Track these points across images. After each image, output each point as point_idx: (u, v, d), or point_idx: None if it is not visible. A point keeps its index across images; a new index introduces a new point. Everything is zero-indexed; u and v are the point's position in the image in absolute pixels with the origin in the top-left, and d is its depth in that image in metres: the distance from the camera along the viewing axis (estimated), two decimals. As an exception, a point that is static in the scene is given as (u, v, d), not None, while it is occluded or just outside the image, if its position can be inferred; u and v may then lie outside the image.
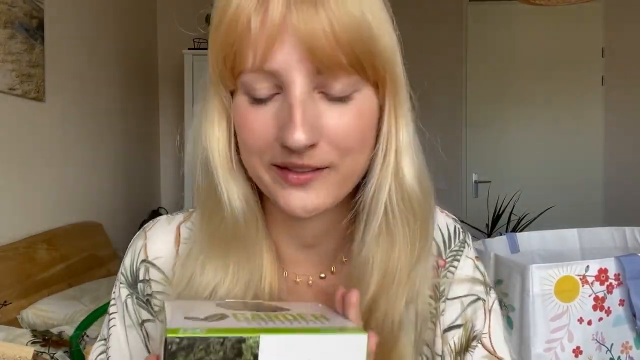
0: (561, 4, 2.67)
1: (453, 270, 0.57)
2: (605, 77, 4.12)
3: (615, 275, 0.96)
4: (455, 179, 4.27)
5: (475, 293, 0.56)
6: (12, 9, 2.33)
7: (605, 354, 0.97)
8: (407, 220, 0.48)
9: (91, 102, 3.12)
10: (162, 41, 4.22)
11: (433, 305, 0.55)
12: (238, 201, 0.48)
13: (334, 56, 0.40)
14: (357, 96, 0.44)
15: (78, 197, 2.94)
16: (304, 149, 0.42)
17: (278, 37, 0.41)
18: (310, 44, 0.40)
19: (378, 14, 0.44)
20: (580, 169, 4.17)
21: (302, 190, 0.45)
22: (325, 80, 0.42)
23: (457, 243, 0.58)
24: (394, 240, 0.48)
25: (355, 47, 0.41)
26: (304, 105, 0.42)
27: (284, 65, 0.41)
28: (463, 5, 4.20)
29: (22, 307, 2.16)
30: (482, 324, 0.55)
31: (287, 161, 0.43)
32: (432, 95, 4.22)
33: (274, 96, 0.44)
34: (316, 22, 0.40)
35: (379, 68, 0.44)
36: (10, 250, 2.24)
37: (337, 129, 0.44)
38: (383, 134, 0.47)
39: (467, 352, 0.54)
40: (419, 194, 0.49)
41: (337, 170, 0.45)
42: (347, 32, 0.40)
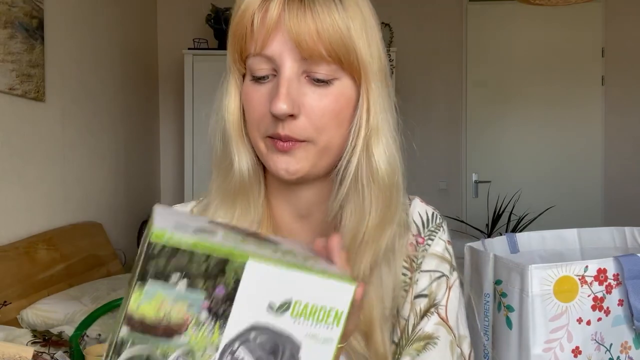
0: (561, 4, 2.68)
1: (427, 248, 0.66)
2: (605, 77, 4.12)
3: (614, 276, 0.96)
4: (455, 179, 4.27)
5: (441, 270, 0.66)
6: (12, 9, 2.33)
7: (604, 354, 0.97)
8: (371, 190, 0.58)
9: (91, 102, 3.12)
10: (162, 41, 4.22)
11: (408, 275, 0.64)
12: (244, 163, 0.60)
13: (315, 48, 0.53)
14: (336, 83, 0.56)
15: (78, 197, 2.94)
16: (285, 117, 0.54)
17: (273, 31, 0.54)
18: (297, 37, 0.52)
19: (359, 24, 0.55)
20: (580, 169, 4.17)
21: (287, 155, 0.56)
22: (310, 66, 0.54)
23: (434, 225, 0.68)
24: (362, 206, 0.58)
25: (333, 43, 0.53)
26: (289, 83, 0.54)
27: (277, 52, 0.54)
28: (463, 5, 4.20)
29: (22, 307, 2.17)
30: (442, 296, 0.65)
31: (274, 132, 0.55)
32: (432, 95, 4.22)
33: (271, 77, 0.56)
34: (303, 23, 0.52)
35: (354, 63, 0.55)
36: (10, 250, 2.24)
37: (315, 107, 0.55)
38: (356, 118, 0.58)
39: (425, 316, 0.64)
40: (384, 170, 0.58)
41: (315, 144, 0.56)
42: (328, 31, 0.53)
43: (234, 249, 0.36)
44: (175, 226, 0.37)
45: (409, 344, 0.63)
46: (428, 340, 0.62)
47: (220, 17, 3.69)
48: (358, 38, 0.55)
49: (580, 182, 4.16)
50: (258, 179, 0.62)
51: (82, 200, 2.98)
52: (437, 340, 0.63)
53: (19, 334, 1.84)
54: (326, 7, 0.53)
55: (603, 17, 4.10)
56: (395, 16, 4.00)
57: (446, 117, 4.25)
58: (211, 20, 3.72)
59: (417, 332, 0.63)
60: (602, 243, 1.23)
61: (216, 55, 3.70)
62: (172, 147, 4.27)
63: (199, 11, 3.90)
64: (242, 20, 0.55)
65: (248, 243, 0.40)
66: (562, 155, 4.18)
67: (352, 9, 0.55)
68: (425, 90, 4.20)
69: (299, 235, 0.64)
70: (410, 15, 4.16)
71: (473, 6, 4.20)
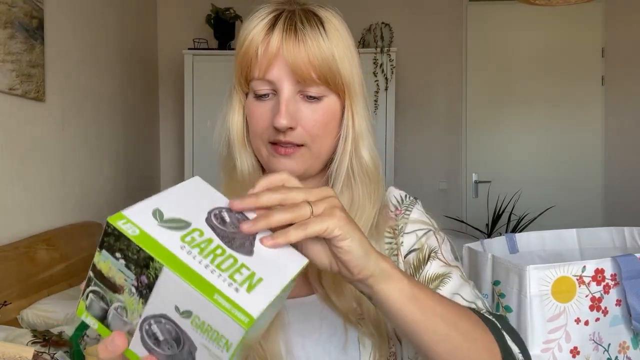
0: (561, 4, 2.68)
1: (407, 215, 0.77)
2: (605, 77, 4.12)
3: (611, 276, 0.96)
4: (455, 179, 4.28)
5: (425, 228, 0.76)
6: (12, 9, 2.33)
7: (602, 354, 0.98)
8: (363, 181, 0.71)
9: (91, 102, 3.12)
10: (162, 41, 4.22)
11: (394, 242, 0.74)
12: (246, 166, 0.72)
13: (307, 74, 0.65)
14: (325, 99, 0.68)
15: (78, 197, 2.94)
16: (285, 129, 0.66)
17: (274, 60, 0.65)
18: (293, 66, 0.65)
19: (342, 50, 0.67)
20: (580, 169, 4.17)
21: (287, 159, 0.68)
22: (303, 87, 0.66)
23: (408, 201, 0.79)
24: (355, 196, 0.70)
25: (322, 69, 0.65)
26: (287, 102, 0.66)
27: (277, 77, 0.66)
28: (463, 5, 4.20)
29: (22, 307, 2.17)
30: (435, 244, 0.74)
31: (277, 139, 0.67)
32: (432, 95, 4.22)
33: (271, 96, 0.68)
34: (297, 53, 0.64)
35: (339, 84, 0.68)
36: (10, 250, 2.25)
37: (309, 120, 0.67)
38: (344, 126, 0.70)
39: (426, 263, 0.72)
40: (370, 165, 0.71)
41: (310, 149, 0.68)
42: (317, 59, 0.65)
43: (158, 253, 0.42)
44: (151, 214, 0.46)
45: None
46: (442, 278, 0.71)
47: (220, 17, 3.69)
48: (341, 62, 0.67)
49: (580, 182, 4.16)
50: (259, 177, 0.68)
51: (82, 200, 2.98)
52: (450, 274, 0.71)
53: (19, 334, 1.84)
54: (315, 39, 0.65)
55: (603, 17, 4.10)
56: (395, 16, 4.00)
57: (446, 117, 4.25)
58: (211, 20, 3.72)
59: (427, 277, 0.71)
60: (602, 243, 1.24)
61: (216, 55, 3.70)
62: (172, 147, 4.27)
63: (199, 11, 3.90)
64: (248, 50, 0.66)
65: (200, 247, 0.45)
66: (562, 155, 4.18)
67: (335, 37, 0.67)
68: (425, 90, 4.20)
69: None
70: (410, 15, 4.16)
71: (473, 6, 4.20)
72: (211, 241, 0.46)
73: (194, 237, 0.45)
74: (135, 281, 0.43)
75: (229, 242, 0.47)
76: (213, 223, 0.48)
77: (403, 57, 3.92)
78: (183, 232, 0.45)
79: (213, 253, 0.45)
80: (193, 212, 0.48)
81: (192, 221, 0.47)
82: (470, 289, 0.70)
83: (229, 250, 0.46)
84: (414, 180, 4.11)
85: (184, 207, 0.48)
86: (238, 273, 0.44)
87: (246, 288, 0.43)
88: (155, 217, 0.46)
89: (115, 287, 0.45)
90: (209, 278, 0.42)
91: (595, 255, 1.20)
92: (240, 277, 0.44)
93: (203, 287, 0.41)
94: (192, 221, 0.47)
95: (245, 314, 0.41)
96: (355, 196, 0.70)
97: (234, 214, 0.50)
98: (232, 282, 0.43)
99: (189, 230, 0.46)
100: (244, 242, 0.48)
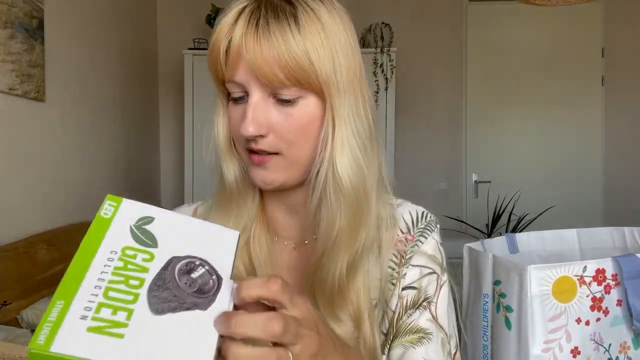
0: (561, 4, 2.68)
1: (420, 245, 0.69)
2: (605, 77, 4.12)
3: (612, 276, 0.96)
4: (455, 179, 4.28)
5: (432, 268, 0.69)
6: (12, 9, 2.33)
7: (603, 354, 0.97)
8: (339, 199, 0.61)
9: (91, 102, 3.12)
10: (162, 41, 4.22)
11: (396, 269, 0.68)
12: (232, 174, 0.65)
13: (273, 76, 0.56)
14: (301, 101, 0.59)
15: (78, 197, 2.94)
16: (254, 137, 0.59)
17: (237, 61, 0.58)
18: (256, 68, 0.56)
19: (319, 44, 0.57)
20: (580, 169, 4.17)
21: (261, 169, 0.62)
22: (274, 89, 0.58)
23: (424, 223, 0.71)
24: (330, 213, 0.61)
25: (291, 68, 0.56)
26: (255, 108, 0.59)
27: (244, 79, 0.59)
28: (463, 5, 4.20)
29: (22, 307, 2.16)
30: (433, 293, 0.68)
31: (248, 146, 0.61)
32: (432, 95, 4.22)
33: (246, 98, 0.60)
34: (259, 53, 0.56)
35: (315, 83, 0.58)
36: (10, 250, 2.24)
37: (282, 126, 0.59)
38: (322, 134, 0.61)
39: (417, 309, 0.66)
40: (348, 182, 0.60)
41: (285, 157, 0.61)
42: (284, 58, 0.56)
43: (92, 236, 0.40)
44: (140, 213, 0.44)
45: (401, 335, 0.66)
46: (422, 335, 0.66)
47: (220, 17, 3.69)
48: (317, 59, 0.57)
49: (580, 182, 4.16)
50: (250, 186, 0.67)
51: (82, 200, 2.98)
52: (431, 335, 0.66)
53: (19, 334, 1.84)
54: (281, 32, 0.56)
55: (603, 17, 4.10)
56: (395, 16, 4.00)
57: (446, 117, 4.25)
58: (211, 20, 3.72)
59: (410, 324, 0.66)
60: (602, 243, 1.24)
61: (216, 55, 3.71)
62: (172, 147, 4.27)
63: (199, 11, 3.90)
64: (214, 49, 0.60)
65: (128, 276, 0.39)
66: (562, 155, 4.18)
67: (309, 27, 0.57)
68: (425, 90, 4.20)
69: (292, 233, 0.70)
70: (410, 15, 4.16)
71: (473, 6, 4.20)
72: (143, 270, 0.39)
73: (137, 255, 0.40)
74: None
75: (157, 287, 0.38)
76: (175, 264, 0.40)
77: (403, 57, 3.92)
78: (134, 244, 0.41)
79: (125, 278, 0.38)
80: (177, 244, 0.42)
81: (160, 246, 0.41)
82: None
83: (142, 290, 0.38)
84: (414, 180, 4.11)
85: (178, 236, 0.43)
86: (111, 310, 0.36)
87: (91, 327, 0.35)
88: (140, 220, 0.42)
89: None
90: (84, 285, 0.36)
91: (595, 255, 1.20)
92: (106, 315, 0.35)
93: (68, 284, 0.36)
94: (160, 247, 0.41)
95: (46, 338, 0.33)
96: (331, 214, 0.61)
97: (210, 278, 0.41)
98: (93, 310, 0.35)
99: (142, 248, 0.40)
100: (169, 302, 0.38)
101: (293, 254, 0.70)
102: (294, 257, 0.70)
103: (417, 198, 0.76)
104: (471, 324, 1.10)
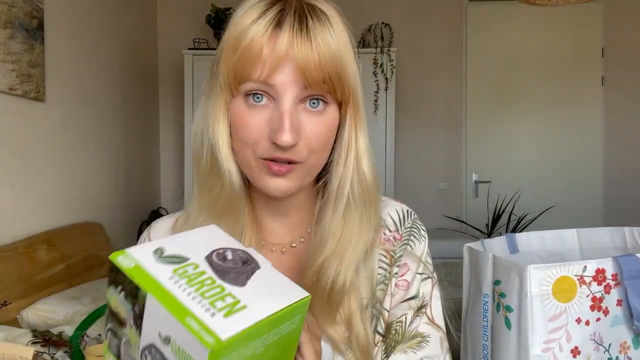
0: (561, 4, 2.68)
1: (411, 245, 0.71)
2: (605, 77, 4.12)
3: (612, 276, 0.96)
4: (455, 179, 4.27)
5: (426, 273, 0.71)
6: (12, 9, 2.33)
7: (603, 354, 0.97)
8: (364, 204, 0.64)
9: (91, 102, 3.12)
10: (162, 41, 4.22)
11: (388, 270, 0.69)
12: (236, 178, 0.63)
13: (317, 77, 0.57)
14: (327, 110, 0.60)
15: (78, 197, 2.94)
16: (289, 146, 0.57)
17: (280, 63, 0.56)
18: (302, 68, 0.56)
19: (347, 48, 0.59)
20: (580, 169, 4.17)
21: (281, 179, 0.60)
22: (306, 95, 0.58)
23: (410, 221, 0.72)
24: (352, 218, 0.63)
25: (331, 73, 0.57)
26: (291, 115, 0.57)
27: (282, 81, 0.57)
28: (463, 5, 4.20)
29: (22, 307, 2.16)
30: (428, 297, 0.70)
31: (274, 155, 0.58)
32: (432, 95, 4.22)
33: (267, 102, 0.58)
34: (309, 53, 0.56)
35: (345, 92, 0.60)
36: (10, 250, 2.24)
37: (312, 134, 0.59)
38: (345, 141, 0.63)
39: (416, 317, 0.69)
40: (373, 185, 0.64)
41: (305, 165, 0.60)
42: (327, 60, 0.57)
43: (144, 281, 0.44)
44: (153, 252, 0.47)
45: (404, 341, 0.68)
46: (421, 339, 0.69)
47: (220, 17, 3.69)
48: (348, 65, 0.59)
49: (580, 182, 4.16)
50: (244, 191, 0.66)
51: (82, 200, 2.98)
52: (429, 338, 0.69)
53: (19, 334, 1.84)
54: (324, 36, 0.57)
55: (603, 17, 4.10)
56: (395, 16, 4.00)
57: (446, 117, 4.25)
58: (211, 20, 3.72)
59: (412, 332, 0.69)
60: (602, 243, 1.24)
61: (216, 55, 3.71)
62: (172, 147, 4.27)
63: (199, 11, 3.90)
64: (248, 50, 0.57)
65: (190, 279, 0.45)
66: (562, 155, 4.18)
67: (339, 32, 0.58)
68: (425, 90, 4.20)
69: (280, 236, 0.70)
70: (410, 15, 4.16)
71: (473, 6, 4.20)
72: (203, 273, 0.45)
73: (187, 269, 0.46)
74: (132, 312, 0.44)
75: (222, 275, 0.46)
76: (212, 259, 0.47)
77: (403, 57, 3.92)
78: (177, 266, 0.46)
79: (201, 283, 0.44)
80: (196, 250, 0.48)
81: (190, 257, 0.47)
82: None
83: (218, 281, 0.45)
84: (414, 180, 4.11)
85: (189, 247, 0.48)
86: (220, 300, 0.43)
87: (224, 313, 0.42)
88: (156, 254, 0.47)
89: (121, 321, 0.46)
90: (186, 302, 0.42)
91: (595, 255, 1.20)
92: (222, 304, 0.43)
93: (177, 310, 0.42)
94: (191, 257, 0.47)
95: (212, 335, 0.40)
96: (354, 219, 0.63)
97: (237, 253, 0.49)
98: (211, 307, 0.42)
99: (184, 264, 0.46)
100: (239, 276, 0.46)
101: (282, 258, 0.69)
102: (284, 262, 0.69)
103: (417, 198, 0.78)
104: (471, 323, 1.10)
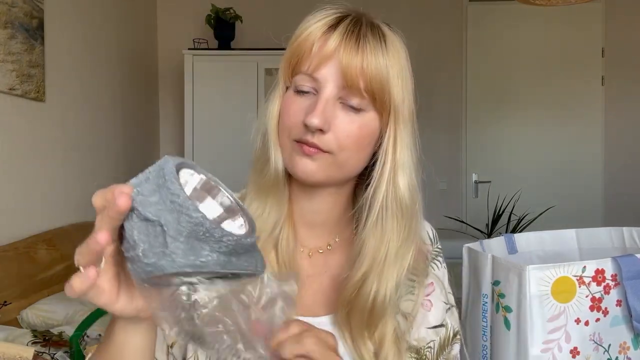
0: (561, 4, 2.67)
1: (435, 267, 0.77)
2: (605, 77, 4.12)
3: (612, 276, 0.96)
4: (455, 179, 4.27)
5: (450, 302, 0.77)
6: (12, 9, 2.33)
7: (602, 355, 0.97)
8: (396, 217, 0.67)
9: (91, 102, 3.12)
10: (162, 41, 4.22)
11: (417, 279, 0.72)
12: (280, 161, 0.67)
13: (356, 80, 0.63)
14: (364, 114, 0.65)
15: (78, 197, 2.94)
16: (315, 130, 0.63)
17: (327, 59, 0.63)
18: (345, 69, 0.62)
19: (397, 72, 0.65)
20: (580, 169, 4.17)
21: (309, 159, 0.64)
22: (346, 94, 0.64)
23: (437, 245, 0.79)
24: (385, 231, 0.66)
25: (373, 82, 0.63)
26: (326, 103, 0.63)
27: (324, 76, 0.64)
28: (463, 5, 4.20)
29: (22, 307, 2.17)
30: (456, 323, 0.76)
31: (304, 138, 0.64)
32: (432, 95, 4.22)
33: (311, 94, 0.65)
34: (353, 58, 0.62)
35: (386, 102, 0.65)
36: (10, 250, 2.24)
37: (342, 128, 0.64)
38: (382, 150, 0.67)
39: (450, 344, 0.74)
40: (407, 200, 0.67)
41: (335, 158, 0.65)
42: (370, 71, 0.63)
43: None
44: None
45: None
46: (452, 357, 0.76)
47: (220, 17, 3.69)
48: (394, 83, 0.64)
49: (580, 182, 4.16)
50: (285, 180, 0.70)
51: (82, 200, 2.98)
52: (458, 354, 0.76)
53: (19, 334, 1.84)
54: (374, 50, 0.63)
55: (603, 17, 4.10)
56: (395, 16, 3.99)
57: (446, 117, 4.25)
58: (211, 20, 3.71)
59: (450, 357, 0.75)
60: (601, 243, 1.23)
61: (216, 55, 3.70)
62: (172, 147, 4.27)
63: (199, 11, 3.90)
64: (303, 43, 0.65)
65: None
66: (562, 155, 4.17)
67: (393, 55, 0.65)
68: (425, 90, 4.15)
69: (309, 242, 0.74)
70: (410, 15, 4.16)
71: (473, 6, 4.20)
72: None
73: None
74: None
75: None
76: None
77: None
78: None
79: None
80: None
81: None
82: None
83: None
84: (414, 180, 4.10)
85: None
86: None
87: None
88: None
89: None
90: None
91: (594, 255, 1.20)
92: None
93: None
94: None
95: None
96: (387, 230, 0.66)
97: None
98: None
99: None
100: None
101: (309, 261, 0.73)
102: (310, 266, 0.73)
103: (417, 198, 0.78)
104: (470, 324, 1.10)
